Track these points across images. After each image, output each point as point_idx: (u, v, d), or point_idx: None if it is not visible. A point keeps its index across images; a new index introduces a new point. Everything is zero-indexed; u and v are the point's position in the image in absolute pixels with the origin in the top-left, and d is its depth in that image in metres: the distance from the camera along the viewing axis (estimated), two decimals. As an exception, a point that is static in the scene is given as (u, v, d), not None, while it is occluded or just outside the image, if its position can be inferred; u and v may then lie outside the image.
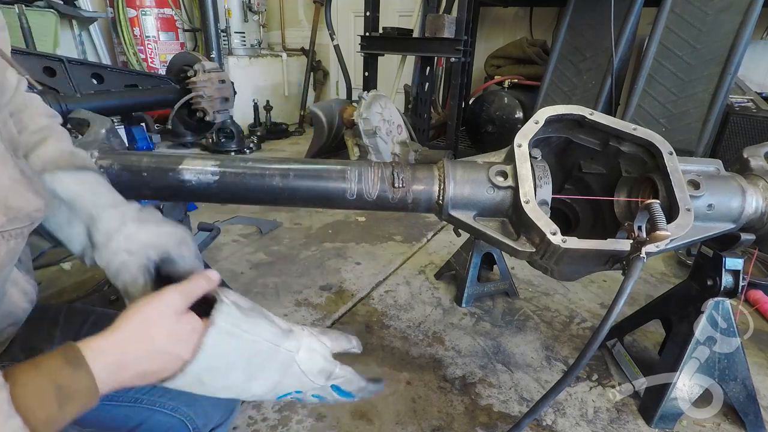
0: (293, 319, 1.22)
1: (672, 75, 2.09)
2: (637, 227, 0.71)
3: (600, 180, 0.90)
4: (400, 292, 1.39)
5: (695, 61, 2.04)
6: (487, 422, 0.93)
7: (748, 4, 1.95)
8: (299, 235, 1.71)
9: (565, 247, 0.66)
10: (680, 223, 0.69)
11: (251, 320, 0.46)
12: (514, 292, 1.38)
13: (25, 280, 0.52)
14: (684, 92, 2.06)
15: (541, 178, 0.73)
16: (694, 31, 2.05)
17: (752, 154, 0.85)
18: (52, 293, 1.29)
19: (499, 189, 0.75)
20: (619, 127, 0.78)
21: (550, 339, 1.20)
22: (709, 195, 0.77)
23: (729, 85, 1.97)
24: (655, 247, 0.64)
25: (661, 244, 0.65)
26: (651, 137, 0.77)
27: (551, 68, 2.48)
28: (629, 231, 0.70)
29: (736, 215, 0.79)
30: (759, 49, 2.46)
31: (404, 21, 3.29)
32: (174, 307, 0.43)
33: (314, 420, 0.92)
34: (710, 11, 2.03)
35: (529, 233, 0.72)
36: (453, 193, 0.75)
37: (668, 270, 1.59)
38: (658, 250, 0.65)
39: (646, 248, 0.64)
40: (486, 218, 0.77)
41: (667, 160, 0.75)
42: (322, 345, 0.50)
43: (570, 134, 0.86)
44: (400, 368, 1.07)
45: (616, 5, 2.05)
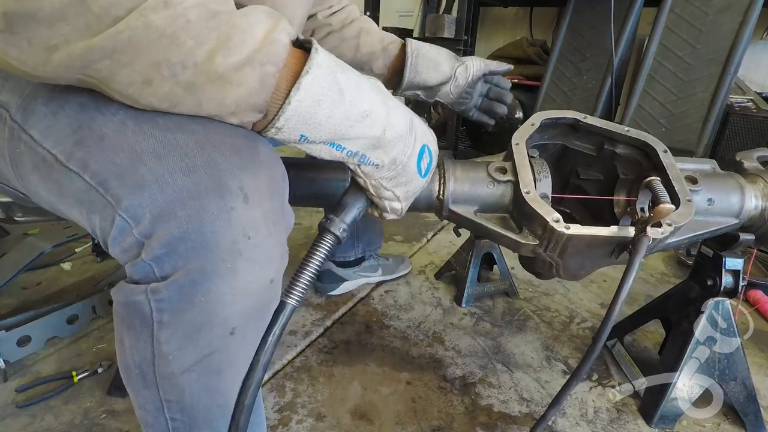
0: (293, 319, 1.22)
1: (672, 75, 2.09)
2: (639, 209, 0.71)
3: (597, 186, 0.90)
4: (400, 292, 1.39)
5: (695, 61, 2.04)
6: (487, 422, 0.93)
7: (748, 4, 1.96)
8: (299, 235, 1.71)
9: (569, 234, 0.65)
10: (682, 212, 0.69)
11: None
12: (514, 292, 1.38)
13: None
14: (684, 92, 2.06)
15: (539, 172, 0.73)
16: (694, 31, 2.05)
17: (745, 157, 0.87)
18: (52, 293, 1.29)
19: (499, 183, 0.75)
20: (612, 129, 0.78)
21: (550, 339, 1.20)
22: (707, 190, 0.77)
23: (729, 85, 1.97)
24: (660, 233, 0.64)
25: (666, 229, 0.64)
26: (644, 137, 0.78)
27: (551, 68, 2.48)
28: (632, 215, 0.70)
29: (736, 210, 0.79)
30: (759, 49, 2.46)
31: (404, 21, 3.30)
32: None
33: (314, 420, 0.92)
34: (710, 11, 2.03)
35: (532, 225, 0.71)
36: (453, 189, 0.76)
37: (668, 270, 1.59)
38: (663, 236, 0.65)
39: (651, 231, 0.63)
40: (487, 214, 0.78)
41: (663, 157, 0.75)
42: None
43: (565, 140, 0.87)
44: (400, 368, 1.07)
45: (616, 5, 2.05)
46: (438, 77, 0.97)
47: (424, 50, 0.97)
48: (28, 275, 1.34)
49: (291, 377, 1.03)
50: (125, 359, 0.52)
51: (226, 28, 0.41)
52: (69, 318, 1.12)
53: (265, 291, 0.51)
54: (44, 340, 1.08)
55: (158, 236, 0.44)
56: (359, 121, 0.49)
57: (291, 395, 0.98)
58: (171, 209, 0.43)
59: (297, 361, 1.09)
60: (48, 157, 0.47)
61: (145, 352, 0.49)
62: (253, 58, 0.42)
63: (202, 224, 0.44)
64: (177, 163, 0.44)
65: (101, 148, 0.44)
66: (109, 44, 0.38)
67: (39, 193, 0.52)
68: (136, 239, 0.45)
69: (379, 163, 0.54)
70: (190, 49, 0.39)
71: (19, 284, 1.30)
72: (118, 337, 0.52)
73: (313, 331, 1.18)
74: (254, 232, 0.47)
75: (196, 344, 0.48)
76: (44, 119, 0.47)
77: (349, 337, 1.18)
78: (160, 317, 0.47)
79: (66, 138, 0.46)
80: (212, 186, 0.44)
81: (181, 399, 0.52)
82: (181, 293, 0.45)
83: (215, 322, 0.47)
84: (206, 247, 0.44)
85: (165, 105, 0.43)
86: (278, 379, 1.03)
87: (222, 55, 0.41)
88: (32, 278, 1.35)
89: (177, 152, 0.44)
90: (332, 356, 1.10)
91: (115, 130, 0.44)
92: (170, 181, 0.43)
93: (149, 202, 0.43)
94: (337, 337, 1.18)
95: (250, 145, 0.48)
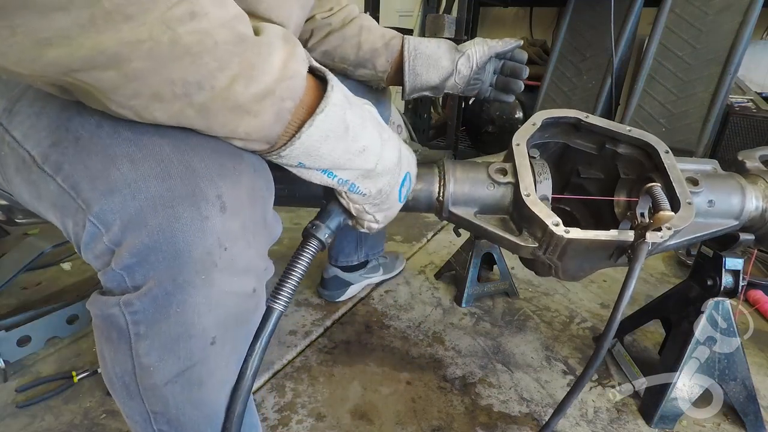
0: (293, 320, 1.22)
1: (672, 75, 2.09)
2: (639, 214, 0.71)
3: (598, 185, 0.90)
4: (400, 292, 1.39)
5: (695, 61, 2.04)
6: (487, 422, 0.93)
7: (748, 4, 1.95)
8: (299, 235, 1.71)
9: (569, 237, 0.66)
10: (683, 215, 0.69)
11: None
12: (514, 292, 1.38)
13: None
14: (684, 92, 2.06)
15: (540, 174, 0.73)
16: (694, 31, 2.05)
17: (747, 157, 0.86)
18: (52, 293, 1.29)
19: (499, 185, 0.75)
20: (614, 128, 0.78)
21: (550, 339, 1.20)
22: (708, 191, 0.77)
23: (729, 85, 1.97)
24: (659, 237, 0.64)
25: (666, 233, 0.64)
26: (646, 137, 0.78)
27: (551, 68, 2.48)
28: (632, 219, 0.70)
29: (737, 212, 0.79)
30: (759, 49, 2.46)
31: (404, 21, 3.29)
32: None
33: (314, 420, 0.92)
34: (710, 11, 2.03)
35: (531, 227, 0.71)
36: (453, 190, 0.75)
37: (668, 270, 1.59)
38: (662, 241, 0.65)
39: (651, 236, 0.63)
40: (487, 215, 0.77)
41: (664, 158, 0.75)
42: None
43: (567, 139, 0.87)
44: (400, 368, 1.07)
45: (616, 5, 2.05)
46: (440, 74, 0.95)
47: (422, 48, 0.95)
48: (28, 275, 1.34)
49: (291, 377, 1.03)
50: (107, 371, 0.51)
51: (250, 55, 0.40)
52: (69, 318, 1.12)
53: (245, 300, 0.50)
54: (44, 340, 1.08)
55: (128, 244, 0.42)
56: (357, 155, 0.50)
57: (291, 395, 0.98)
58: (142, 217, 0.41)
59: (297, 361, 1.09)
60: (27, 158, 0.45)
61: (126, 364, 0.48)
62: (273, 91, 0.41)
63: (174, 234, 0.42)
64: (151, 169, 0.42)
65: (76, 151, 0.43)
66: (124, 52, 0.34)
67: (22, 196, 0.51)
68: (107, 246, 0.43)
69: (366, 192, 0.55)
70: (210, 71, 0.38)
71: (19, 284, 1.30)
72: (99, 349, 0.51)
73: (313, 331, 1.18)
74: (231, 243, 0.45)
75: (177, 355, 0.47)
76: (27, 120, 0.45)
77: (349, 337, 1.18)
78: (136, 329, 0.45)
79: (44, 139, 0.44)
80: (187, 193, 0.42)
81: (166, 410, 0.51)
82: (156, 305, 0.44)
83: (193, 332, 0.46)
84: (178, 257, 0.42)
85: (170, 122, 0.41)
86: (278, 379, 1.03)
87: (243, 84, 0.40)
88: (32, 278, 1.35)
89: (152, 157, 0.42)
90: (332, 356, 1.10)
91: (91, 132, 0.43)
92: (143, 187, 0.41)
93: (120, 207, 0.41)
94: (337, 337, 1.18)
95: (233, 151, 0.46)
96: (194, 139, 0.44)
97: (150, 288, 0.43)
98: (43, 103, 0.45)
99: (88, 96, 0.38)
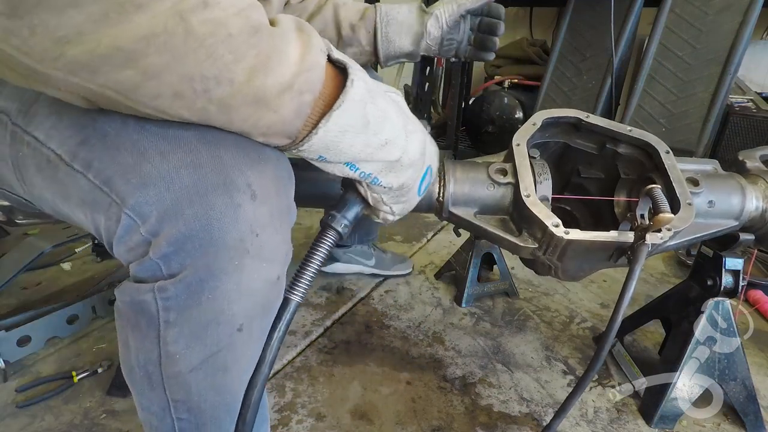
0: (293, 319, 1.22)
1: (672, 75, 2.09)
2: (639, 215, 0.71)
3: (598, 185, 0.90)
4: (400, 292, 1.39)
5: (695, 61, 2.04)
6: (487, 422, 0.93)
7: (748, 4, 1.95)
8: (299, 235, 1.71)
9: (568, 239, 0.66)
10: (682, 216, 0.69)
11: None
12: (514, 292, 1.38)
13: None
14: (684, 92, 2.05)
15: (540, 174, 0.73)
16: (694, 31, 2.05)
17: (748, 157, 0.86)
18: (52, 293, 1.29)
19: (499, 185, 0.75)
20: (614, 128, 0.78)
21: (550, 339, 1.20)
22: (708, 192, 0.77)
23: (729, 85, 1.97)
24: (659, 238, 0.64)
25: (666, 235, 0.64)
26: (646, 137, 0.78)
27: (551, 68, 2.47)
28: (632, 221, 0.70)
29: (737, 212, 0.79)
30: (759, 49, 2.46)
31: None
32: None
33: (314, 420, 0.92)
34: (710, 11, 2.03)
35: (531, 228, 0.72)
36: (453, 190, 0.75)
37: (668, 270, 1.59)
38: (662, 242, 0.65)
39: (651, 237, 0.64)
40: (487, 216, 0.77)
41: (664, 158, 0.75)
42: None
43: (567, 139, 0.87)
44: (400, 368, 1.07)
45: (616, 5, 2.04)
46: (412, 38, 0.95)
47: (393, 13, 0.94)
48: (28, 275, 1.34)
49: (291, 377, 1.03)
50: (129, 361, 0.51)
51: (265, 46, 0.39)
52: (69, 318, 1.12)
53: (271, 288, 0.51)
54: (44, 340, 1.08)
55: (166, 234, 0.43)
56: (379, 149, 0.50)
57: (291, 395, 0.98)
58: (178, 207, 0.43)
59: (297, 361, 1.09)
60: (53, 157, 0.46)
61: (152, 352, 0.49)
62: (292, 85, 0.41)
63: (209, 222, 0.43)
64: (182, 160, 0.43)
65: (104, 147, 0.44)
66: (140, 47, 0.34)
67: (43, 196, 0.51)
68: (143, 237, 0.44)
69: (388, 185, 0.54)
70: (226, 64, 0.38)
71: (19, 284, 1.30)
72: (122, 339, 0.52)
73: (313, 331, 1.18)
74: (262, 229, 0.47)
75: (204, 342, 0.48)
76: (48, 120, 0.46)
77: (349, 337, 1.18)
78: (166, 316, 0.46)
79: (70, 138, 0.45)
80: (218, 182, 0.43)
81: (188, 398, 0.52)
82: (189, 291, 0.45)
83: (222, 319, 0.47)
84: (214, 244, 0.44)
85: (196, 119, 0.41)
86: (278, 379, 1.03)
87: (261, 77, 0.39)
88: (32, 278, 1.35)
89: (181, 149, 0.43)
90: (332, 356, 1.11)
91: (117, 129, 0.44)
92: (176, 178, 0.43)
93: (156, 199, 0.43)
94: (337, 337, 1.18)
95: (254, 141, 0.48)
96: (217, 131, 0.45)
97: (185, 275, 0.44)
98: (63, 104, 0.46)
99: (117, 104, 0.39)
